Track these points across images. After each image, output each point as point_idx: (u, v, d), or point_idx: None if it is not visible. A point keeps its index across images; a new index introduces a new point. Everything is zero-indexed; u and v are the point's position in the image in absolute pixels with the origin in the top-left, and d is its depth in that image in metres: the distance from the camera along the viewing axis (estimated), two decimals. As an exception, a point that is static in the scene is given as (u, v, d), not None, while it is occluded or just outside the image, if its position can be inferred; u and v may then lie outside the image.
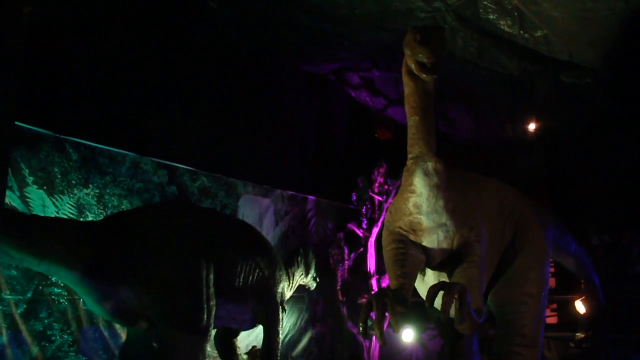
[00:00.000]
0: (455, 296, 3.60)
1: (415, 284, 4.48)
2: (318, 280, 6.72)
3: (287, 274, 6.10)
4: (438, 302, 4.27)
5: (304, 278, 6.51)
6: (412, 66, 3.66)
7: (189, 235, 4.76)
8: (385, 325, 8.57)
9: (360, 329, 3.83)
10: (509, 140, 10.62)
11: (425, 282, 4.54)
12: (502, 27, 7.44)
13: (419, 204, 3.94)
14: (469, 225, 4.15)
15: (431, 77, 3.65)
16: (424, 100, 3.82)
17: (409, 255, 4.01)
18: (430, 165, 3.84)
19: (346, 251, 8.81)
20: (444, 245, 4.10)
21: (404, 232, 4.10)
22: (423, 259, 4.12)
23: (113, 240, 4.43)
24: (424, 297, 4.81)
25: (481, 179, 4.77)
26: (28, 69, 5.27)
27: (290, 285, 6.21)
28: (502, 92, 9.46)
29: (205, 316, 4.61)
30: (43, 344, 5.61)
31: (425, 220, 4.00)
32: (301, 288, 6.69)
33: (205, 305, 4.62)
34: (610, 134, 9.87)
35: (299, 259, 6.42)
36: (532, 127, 10.06)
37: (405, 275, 3.95)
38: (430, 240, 4.06)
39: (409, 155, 3.90)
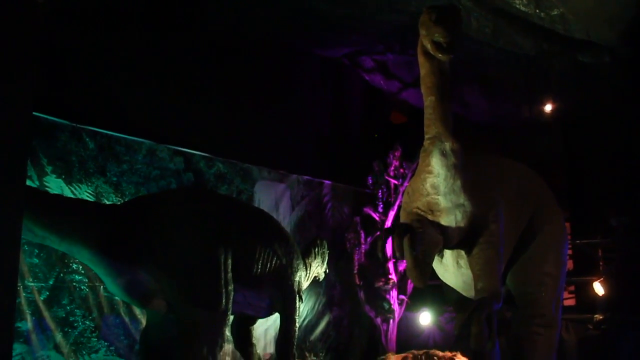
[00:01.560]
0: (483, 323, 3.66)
1: (433, 265, 4.50)
2: (327, 272, 6.73)
3: (305, 264, 6.10)
4: (458, 283, 4.30)
5: (319, 269, 6.52)
6: (428, 46, 3.64)
7: (207, 220, 4.78)
8: (402, 310, 8.63)
9: (397, 253, 3.86)
10: (525, 122, 10.51)
11: (443, 263, 4.55)
12: (517, 6, 7.33)
13: (437, 185, 3.93)
14: (487, 206, 4.15)
15: (448, 57, 3.64)
16: (441, 80, 3.81)
17: (426, 234, 4.01)
18: (447, 145, 3.83)
19: (362, 235, 8.81)
20: (462, 226, 4.10)
21: (422, 213, 4.10)
22: (441, 240, 4.12)
23: (133, 224, 4.47)
24: (442, 278, 4.83)
25: (499, 160, 4.76)
26: (44, 59, 5.31)
27: (307, 275, 6.22)
28: (517, 73, 9.34)
29: (223, 300, 4.63)
30: (66, 329, 5.70)
31: (442, 201, 3.99)
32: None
33: (223, 290, 4.65)
34: (628, 114, 9.73)
35: (316, 249, 6.42)
36: (548, 108, 9.94)
37: (423, 253, 3.96)
38: (448, 221, 4.06)
39: (426, 136, 3.89)
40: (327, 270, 6.70)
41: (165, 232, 4.51)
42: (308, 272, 6.21)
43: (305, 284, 6.24)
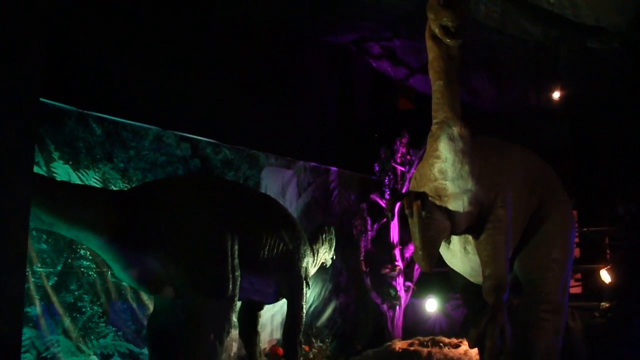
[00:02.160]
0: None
1: (441, 251, 4.49)
2: (334, 258, 6.73)
3: (312, 250, 6.10)
4: (467, 269, 4.31)
5: (326, 255, 6.51)
6: (436, 30, 3.61)
7: (214, 206, 4.78)
8: (408, 297, 8.63)
9: (407, 211, 3.85)
10: (533, 109, 10.46)
11: (450, 249, 4.54)
12: (526, -9, 7.28)
13: (444, 170, 3.91)
14: (495, 191, 4.13)
15: (456, 41, 3.60)
16: (449, 65, 3.78)
17: (434, 220, 4.00)
18: (455, 130, 3.80)
19: (369, 222, 8.82)
20: (470, 212, 4.08)
21: (430, 198, 4.09)
22: (448, 226, 4.11)
23: (140, 209, 4.47)
24: (449, 264, 4.83)
25: (507, 146, 4.73)
26: (51, 45, 5.31)
27: (315, 261, 6.21)
28: (526, 59, 9.28)
29: (230, 286, 4.64)
30: (74, 314, 5.74)
31: (450, 186, 3.97)
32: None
33: (230, 275, 4.66)
34: (636, 101, 9.66)
35: (324, 235, 6.41)
36: (556, 95, 9.88)
37: (430, 238, 3.95)
38: (455, 206, 4.04)
39: (434, 121, 3.87)
40: (335, 257, 6.70)
41: (173, 218, 4.51)
42: (315, 258, 6.21)
43: (312, 270, 6.24)
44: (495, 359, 3.70)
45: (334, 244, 6.60)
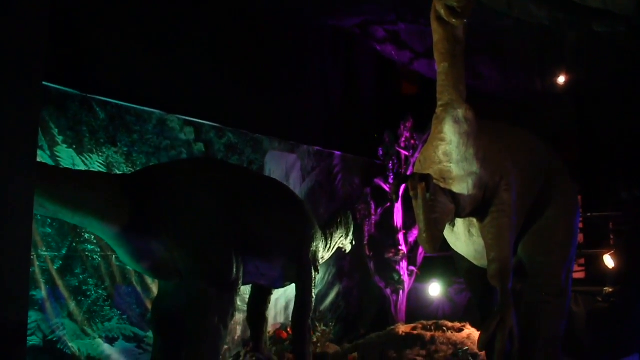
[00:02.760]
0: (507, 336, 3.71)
1: (445, 234, 4.48)
2: (354, 243, 6.67)
3: (325, 235, 6.04)
4: (470, 252, 4.32)
5: (343, 240, 6.46)
6: (441, 11, 3.58)
7: (218, 189, 4.76)
8: (411, 281, 8.64)
9: (411, 192, 3.83)
10: (538, 94, 10.39)
11: (454, 232, 4.53)
12: (533, -26, 7.20)
13: (449, 152, 3.89)
14: (500, 174, 4.11)
15: (461, 22, 3.58)
16: (454, 47, 3.75)
17: (438, 202, 3.99)
18: (460, 112, 3.78)
19: (373, 206, 8.82)
20: (474, 194, 4.06)
21: (434, 181, 4.08)
22: (453, 209, 4.09)
23: (143, 193, 4.44)
24: (454, 247, 4.83)
25: (512, 129, 4.71)
26: (54, 28, 5.28)
27: (328, 246, 6.15)
28: (531, 43, 9.21)
29: (234, 269, 4.64)
30: (79, 298, 5.77)
31: (455, 169, 3.95)
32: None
33: (234, 259, 4.66)
34: (643, 86, 9.60)
35: (340, 220, 6.36)
36: (561, 79, 9.82)
37: (435, 221, 3.94)
38: (460, 189, 4.03)
39: (439, 103, 3.84)
40: (354, 242, 6.66)
41: (176, 202, 4.50)
42: (329, 242, 6.14)
43: (326, 255, 6.18)
44: (504, 358, 3.75)
45: (352, 229, 6.55)
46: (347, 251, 6.70)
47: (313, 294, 5.64)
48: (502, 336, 3.71)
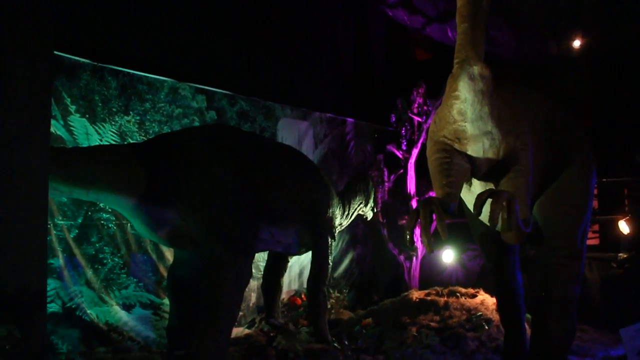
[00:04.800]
0: (504, 204, 3.57)
1: (462, 194, 4.45)
2: (376, 210, 6.60)
3: (343, 202, 5.98)
4: (484, 214, 4.27)
5: (363, 207, 6.41)
6: None
7: (232, 156, 4.75)
8: (425, 248, 8.61)
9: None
10: (553, 58, 10.22)
11: (471, 191, 4.47)
12: None
13: (464, 111, 3.83)
14: (515, 134, 4.04)
15: None
16: (477, 10, 3.72)
17: (454, 164, 3.94)
18: (476, 69, 3.71)
19: (386, 173, 8.79)
20: (490, 154, 4.01)
21: (449, 141, 4.02)
22: (468, 168, 4.04)
23: (156, 162, 4.45)
24: (471, 207, 4.81)
25: (528, 90, 4.64)
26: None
27: (347, 213, 6.10)
28: (545, 6, 9.02)
29: (248, 236, 4.66)
30: (96, 266, 5.85)
31: (470, 128, 3.89)
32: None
33: (248, 225, 4.67)
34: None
35: (358, 187, 6.29)
36: (577, 43, 9.64)
37: (450, 184, 3.89)
38: (475, 149, 3.98)
39: (455, 61, 3.78)
40: (375, 209, 6.60)
41: (190, 169, 4.50)
42: (347, 209, 6.09)
43: (345, 222, 6.13)
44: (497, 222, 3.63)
45: (372, 196, 6.48)
46: (369, 218, 6.66)
47: (329, 261, 5.64)
48: (496, 198, 3.60)
